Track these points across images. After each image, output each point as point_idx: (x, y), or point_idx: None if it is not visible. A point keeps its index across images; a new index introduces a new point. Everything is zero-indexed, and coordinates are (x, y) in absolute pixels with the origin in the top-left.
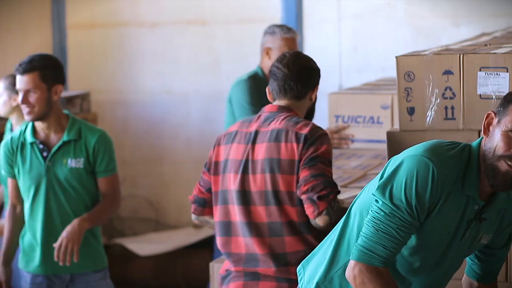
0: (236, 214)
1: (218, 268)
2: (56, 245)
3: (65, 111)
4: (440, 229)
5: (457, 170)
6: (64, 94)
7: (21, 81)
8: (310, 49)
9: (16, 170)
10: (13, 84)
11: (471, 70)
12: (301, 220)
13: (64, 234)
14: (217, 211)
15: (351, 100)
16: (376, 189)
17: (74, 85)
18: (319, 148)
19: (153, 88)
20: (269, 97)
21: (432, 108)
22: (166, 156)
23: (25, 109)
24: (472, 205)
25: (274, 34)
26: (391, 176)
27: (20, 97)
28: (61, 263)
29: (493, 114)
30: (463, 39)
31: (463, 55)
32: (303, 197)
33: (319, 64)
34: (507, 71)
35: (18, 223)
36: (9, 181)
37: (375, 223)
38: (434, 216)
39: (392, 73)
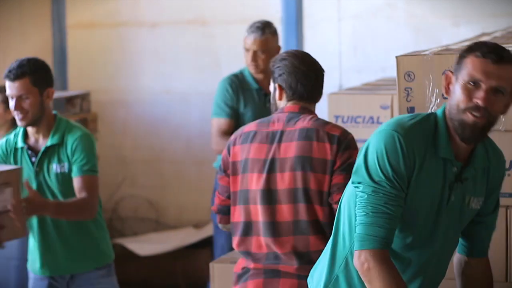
0: (259, 214)
1: (218, 268)
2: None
3: (54, 112)
4: (424, 196)
5: (425, 135)
6: (64, 94)
7: (12, 88)
8: (310, 49)
9: None
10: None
11: None
12: (326, 221)
13: (25, 200)
14: (237, 211)
15: (351, 100)
16: (353, 175)
17: (74, 85)
18: (353, 154)
19: (153, 88)
20: (279, 96)
21: (432, 108)
22: (166, 156)
23: (18, 115)
24: (450, 168)
25: (246, 33)
26: (363, 158)
27: (12, 103)
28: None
29: (450, 74)
30: (463, 39)
31: None
32: (335, 206)
33: None
34: None
35: None
36: None
37: (364, 207)
38: (414, 185)
39: (392, 73)
